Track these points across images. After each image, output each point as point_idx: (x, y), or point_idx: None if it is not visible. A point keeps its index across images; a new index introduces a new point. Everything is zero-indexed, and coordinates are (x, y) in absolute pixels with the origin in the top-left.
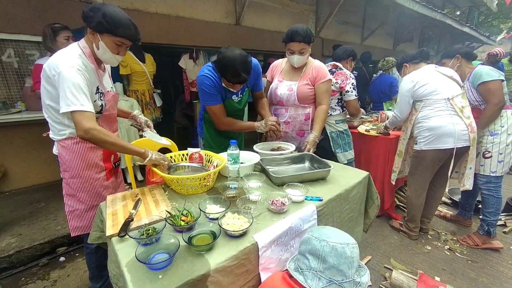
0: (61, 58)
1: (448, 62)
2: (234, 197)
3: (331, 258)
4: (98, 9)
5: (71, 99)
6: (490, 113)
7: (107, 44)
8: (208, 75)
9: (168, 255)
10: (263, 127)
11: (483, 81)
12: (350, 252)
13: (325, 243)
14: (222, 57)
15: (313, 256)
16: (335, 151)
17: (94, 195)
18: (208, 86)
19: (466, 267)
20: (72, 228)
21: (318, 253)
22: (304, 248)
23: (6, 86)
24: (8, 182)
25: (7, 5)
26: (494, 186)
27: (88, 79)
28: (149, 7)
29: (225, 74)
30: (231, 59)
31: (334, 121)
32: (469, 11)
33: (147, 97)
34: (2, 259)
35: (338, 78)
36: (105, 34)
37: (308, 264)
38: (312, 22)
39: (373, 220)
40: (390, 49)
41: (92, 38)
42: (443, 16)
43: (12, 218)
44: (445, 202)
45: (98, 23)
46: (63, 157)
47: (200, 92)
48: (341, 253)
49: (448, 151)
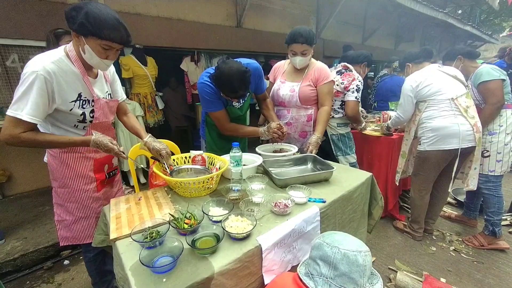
0: (33, 60)
1: (451, 64)
2: (237, 199)
3: (343, 266)
4: (81, 8)
5: (16, 102)
6: (488, 113)
7: (93, 48)
8: (208, 82)
9: (172, 258)
10: (266, 134)
11: (482, 81)
12: (362, 260)
13: (336, 250)
14: (219, 73)
15: (324, 263)
16: (336, 154)
17: (83, 207)
18: (208, 93)
19: (472, 268)
20: (60, 237)
21: (329, 259)
22: (315, 253)
23: (10, 91)
24: (13, 186)
25: (11, 11)
26: (494, 185)
27: (56, 86)
28: (150, 11)
29: (222, 90)
30: (229, 76)
31: (336, 123)
32: (471, 10)
33: (149, 100)
34: (7, 263)
35: (345, 79)
36: (89, 37)
37: (319, 270)
38: (313, 23)
39: (377, 221)
40: (391, 49)
41: (77, 41)
42: (445, 15)
43: (17, 222)
44: (450, 202)
45: (80, 24)
46: (52, 166)
47: (201, 100)
48: (353, 260)
49: (453, 152)
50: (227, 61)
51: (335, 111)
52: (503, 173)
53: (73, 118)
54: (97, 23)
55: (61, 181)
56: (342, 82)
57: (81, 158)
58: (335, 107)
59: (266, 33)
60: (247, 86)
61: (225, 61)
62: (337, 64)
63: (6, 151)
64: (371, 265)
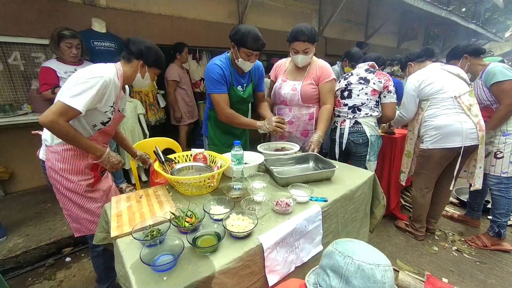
0: (99, 68)
1: (457, 63)
2: (239, 198)
3: (356, 280)
4: (151, 48)
5: (74, 94)
6: (502, 114)
7: (150, 74)
8: (219, 64)
9: (172, 256)
10: (266, 127)
11: (497, 81)
12: (381, 276)
13: (350, 260)
14: (239, 28)
15: (335, 274)
16: (369, 158)
17: (83, 199)
18: (217, 74)
19: (475, 268)
20: (74, 229)
21: (341, 271)
22: (326, 262)
23: (12, 89)
24: (15, 183)
25: (13, 8)
26: (505, 187)
27: (108, 93)
28: (152, 8)
29: (245, 42)
30: (249, 28)
31: (374, 123)
32: (475, 7)
33: (150, 98)
34: (10, 259)
35: (381, 77)
36: (152, 67)
37: (328, 282)
38: (315, 21)
39: (379, 220)
40: (394, 47)
41: (140, 69)
42: (449, 13)
43: (19, 219)
44: (452, 202)
45: (154, 60)
46: (52, 162)
47: (208, 80)
48: (369, 275)
49: (456, 150)
50: None
51: (371, 109)
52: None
53: (101, 119)
54: (161, 59)
55: (63, 177)
56: (379, 80)
57: (81, 155)
58: (371, 106)
59: (268, 31)
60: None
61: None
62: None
63: (8, 149)
64: (394, 283)
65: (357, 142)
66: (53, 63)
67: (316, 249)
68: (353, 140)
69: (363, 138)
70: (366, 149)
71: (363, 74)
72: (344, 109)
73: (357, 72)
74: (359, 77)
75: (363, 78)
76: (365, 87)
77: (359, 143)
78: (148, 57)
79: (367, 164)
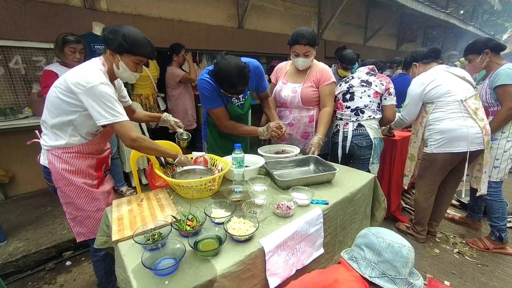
0: (90, 74)
1: (476, 59)
2: (239, 201)
3: (387, 253)
4: (117, 31)
5: (110, 111)
6: (502, 117)
7: (126, 63)
8: (208, 79)
9: (174, 260)
10: (265, 134)
11: (502, 84)
12: (406, 253)
13: (382, 239)
14: (218, 68)
15: (369, 249)
16: (372, 161)
17: (92, 200)
18: (208, 90)
19: (476, 270)
20: (76, 234)
21: (374, 246)
22: (361, 241)
23: (13, 92)
24: (15, 187)
25: (14, 12)
26: (495, 190)
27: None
28: (152, 12)
29: (221, 86)
30: (227, 71)
31: (377, 125)
32: (473, 10)
33: (151, 101)
34: (10, 264)
35: (382, 80)
36: (124, 55)
37: (363, 254)
38: (315, 24)
39: (380, 223)
40: (393, 50)
41: (112, 58)
42: (447, 16)
43: (19, 223)
44: (453, 204)
45: (119, 45)
46: (55, 166)
47: (201, 96)
48: (397, 251)
49: (461, 155)
50: (226, 56)
51: (374, 112)
52: (499, 180)
53: None
54: (132, 42)
55: (67, 179)
56: (381, 83)
57: (84, 157)
58: (374, 108)
59: (268, 34)
60: (246, 81)
61: (224, 57)
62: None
63: (9, 152)
64: (413, 263)
65: (360, 145)
66: (56, 67)
67: (317, 252)
68: (356, 143)
69: (367, 141)
70: (369, 152)
71: (364, 77)
72: (347, 111)
73: (358, 75)
74: (361, 80)
75: (365, 81)
76: (368, 90)
77: (363, 146)
78: (112, 42)
79: (370, 167)
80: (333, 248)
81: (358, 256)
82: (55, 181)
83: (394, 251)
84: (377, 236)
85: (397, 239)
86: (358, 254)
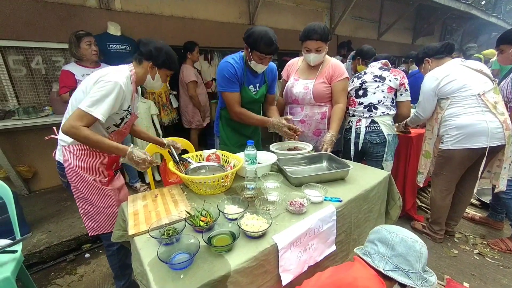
0: (114, 73)
1: (508, 49)
2: (252, 198)
3: (400, 248)
4: (161, 49)
5: (94, 103)
6: None
7: (161, 75)
8: (232, 62)
9: (188, 255)
10: (275, 129)
11: None
12: (419, 248)
13: (395, 235)
14: (253, 31)
15: (382, 243)
16: (386, 158)
17: (103, 196)
18: (229, 72)
19: (498, 272)
20: (88, 228)
21: (388, 241)
22: (374, 236)
23: (35, 92)
24: (38, 182)
25: (33, 15)
26: (510, 189)
27: (122, 97)
28: (164, 10)
29: (258, 46)
30: (263, 30)
31: (391, 121)
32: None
33: (163, 98)
34: (34, 255)
35: (396, 74)
36: (163, 69)
37: (377, 249)
38: (327, 19)
39: (395, 221)
40: (408, 44)
41: (150, 71)
42: (468, 7)
43: (42, 216)
44: (473, 203)
45: (163, 61)
46: (69, 162)
47: (220, 78)
48: (411, 245)
49: (480, 151)
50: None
51: (388, 108)
52: None
53: (115, 121)
54: (172, 60)
55: (79, 176)
56: (395, 77)
57: (97, 155)
58: (387, 104)
59: (279, 30)
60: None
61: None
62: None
63: (31, 149)
64: (427, 258)
65: (374, 142)
66: (72, 66)
67: (329, 249)
68: (370, 140)
69: (380, 137)
70: (383, 149)
71: (377, 72)
72: (360, 108)
73: (371, 71)
74: (374, 75)
75: (378, 76)
76: (381, 85)
77: (376, 143)
78: (157, 58)
79: (383, 164)
80: (347, 247)
81: (371, 251)
82: (69, 177)
83: (407, 245)
84: (390, 231)
85: (410, 234)
86: (372, 249)
